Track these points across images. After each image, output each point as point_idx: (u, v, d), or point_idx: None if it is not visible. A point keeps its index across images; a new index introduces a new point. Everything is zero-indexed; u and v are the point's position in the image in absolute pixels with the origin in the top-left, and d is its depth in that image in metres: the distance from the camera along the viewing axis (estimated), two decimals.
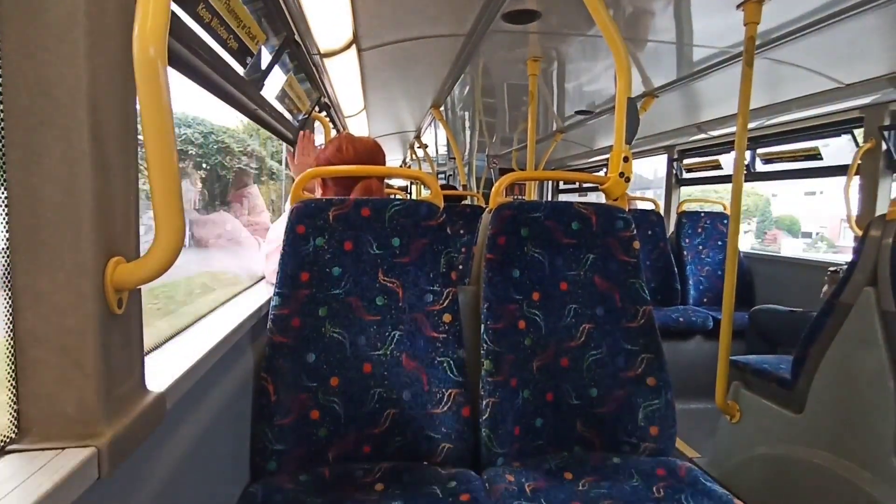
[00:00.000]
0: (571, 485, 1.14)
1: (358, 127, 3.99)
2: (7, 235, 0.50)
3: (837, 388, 1.53)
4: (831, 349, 1.55)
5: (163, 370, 0.72)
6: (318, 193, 1.48)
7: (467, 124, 4.41)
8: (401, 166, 7.39)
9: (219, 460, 0.95)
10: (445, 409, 1.20)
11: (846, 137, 2.70)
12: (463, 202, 3.88)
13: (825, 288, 2.29)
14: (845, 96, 2.35)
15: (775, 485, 1.69)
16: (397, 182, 7.19)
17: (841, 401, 1.51)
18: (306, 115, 2.30)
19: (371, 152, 1.46)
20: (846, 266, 2.25)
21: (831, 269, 2.29)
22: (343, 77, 2.50)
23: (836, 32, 1.79)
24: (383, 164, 1.49)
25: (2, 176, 0.50)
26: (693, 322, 2.93)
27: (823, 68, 2.17)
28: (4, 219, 0.50)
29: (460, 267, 2.97)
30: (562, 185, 6.36)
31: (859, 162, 2.46)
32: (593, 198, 6.12)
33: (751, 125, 1.95)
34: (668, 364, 1.31)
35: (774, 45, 1.95)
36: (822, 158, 2.88)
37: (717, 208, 3.63)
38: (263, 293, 1.35)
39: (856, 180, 2.51)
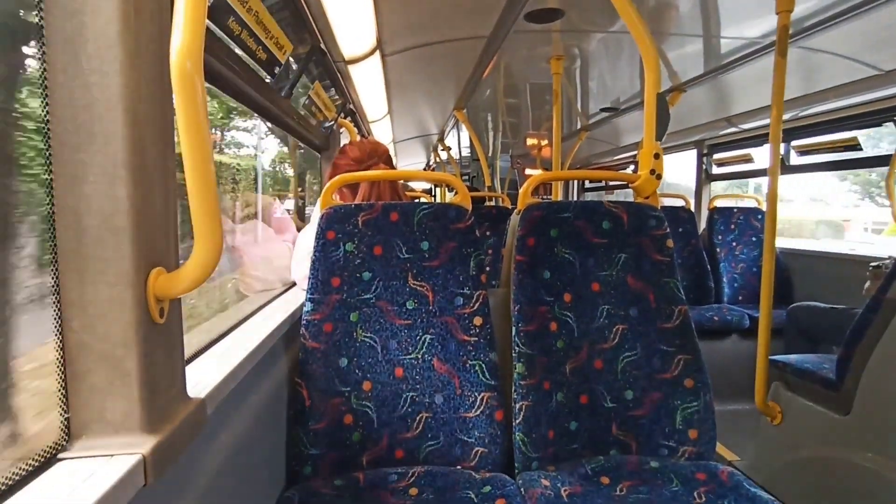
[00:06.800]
0: (609, 490, 1.12)
1: (382, 131, 4.02)
2: (54, 250, 0.52)
3: (887, 388, 1.46)
4: (879, 347, 1.48)
5: (202, 377, 0.74)
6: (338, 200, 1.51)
7: (490, 125, 4.39)
8: (424, 169, 7.41)
9: (256, 465, 0.96)
10: (478, 412, 1.19)
11: (887, 126, 2.59)
12: (486, 203, 3.86)
13: (867, 284, 2.20)
14: (886, 84, 2.25)
15: (821, 489, 1.63)
16: (420, 185, 7.22)
17: (891, 401, 1.45)
18: (333, 122, 2.33)
19: (373, 145, 1.55)
20: (891, 261, 2.16)
21: (873, 264, 2.19)
22: (367, 83, 2.52)
23: (874, 17, 1.72)
24: (386, 154, 1.55)
25: (49, 192, 0.51)
26: (729, 321, 2.85)
27: (861, 55, 2.09)
28: (52, 233, 0.52)
29: (488, 269, 2.96)
30: (587, 184, 6.28)
31: None
32: (620, 196, 6.02)
33: (784, 117, 1.88)
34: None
35: (808, 33, 1.89)
36: (861, 149, 2.77)
37: (751, 203, 3.53)
38: (296, 299, 1.37)
39: None
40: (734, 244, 3.34)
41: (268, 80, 1.39)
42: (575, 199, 6.17)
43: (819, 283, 2.99)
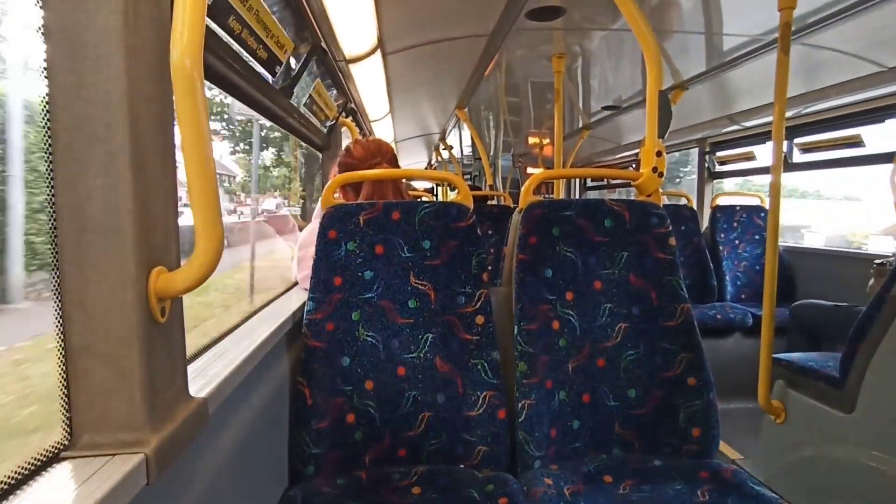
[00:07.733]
0: (612, 488, 1.12)
1: (383, 131, 4.02)
2: (56, 249, 0.52)
3: (890, 386, 1.46)
4: (883, 345, 1.47)
5: (203, 376, 0.73)
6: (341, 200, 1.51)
7: (492, 124, 4.39)
8: (426, 168, 7.41)
9: (259, 464, 0.96)
10: (481, 411, 1.19)
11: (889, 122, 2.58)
12: (488, 202, 3.86)
13: (871, 282, 2.19)
14: (889, 80, 2.24)
15: (825, 487, 1.62)
16: (422, 184, 7.22)
17: (895, 399, 1.44)
18: (334, 121, 2.33)
19: (377, 144, 1.54)
20: (895, 258, 2.15)
21: (877, 261, 2.18)
22: (368, 82, 2.52)
23: (877, 14, 1.71)
24: (391, 153, 1.53)
25: (50, 190, 0.51)
26: (731, 319, 2.84)
27: (864, 52, 2.08)
28: (53, 232, 0.52)
29: (490, 268, 2.96)
30: (589, 183, 6.27)
31: None
32: (623, 195, 6.00)
33: (787, 114, 1.87)
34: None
35: (811, 30, 1.88)
36: (864, 146, 2.76)
37: (754, 201, 3.51)
38: (298, 298, 1.37)
39: None
40: (737, 242, 3.33)
41: (269, 79, 1.39)
42: (578, 197, 6.15)
43: (822, 280, 2.98)
